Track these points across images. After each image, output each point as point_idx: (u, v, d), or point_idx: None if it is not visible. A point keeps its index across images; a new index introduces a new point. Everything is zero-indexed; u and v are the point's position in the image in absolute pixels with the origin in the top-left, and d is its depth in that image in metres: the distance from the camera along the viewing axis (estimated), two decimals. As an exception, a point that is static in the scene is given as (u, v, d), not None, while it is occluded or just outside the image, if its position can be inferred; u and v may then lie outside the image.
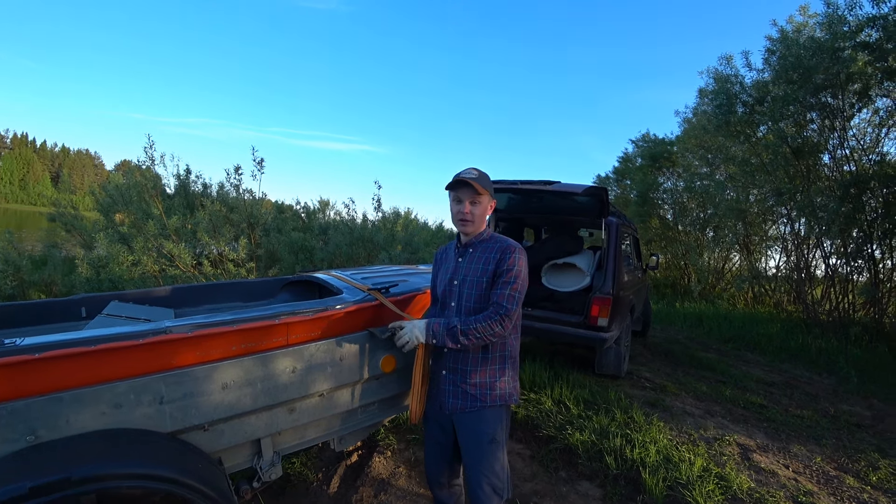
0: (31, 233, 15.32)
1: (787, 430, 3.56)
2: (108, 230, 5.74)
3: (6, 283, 4.79)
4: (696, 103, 10.09)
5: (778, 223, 9.25)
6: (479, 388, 1.62)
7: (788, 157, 7.02)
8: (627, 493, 2.53)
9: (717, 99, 7.28)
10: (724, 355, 5.94)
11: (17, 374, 1.22)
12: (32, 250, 8.95)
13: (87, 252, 5.65)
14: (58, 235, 8.86)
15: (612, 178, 16.28)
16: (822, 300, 7.84)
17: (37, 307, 2.17)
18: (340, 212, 9.15)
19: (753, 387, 4.61)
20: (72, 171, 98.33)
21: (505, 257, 1.61)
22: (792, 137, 6.84)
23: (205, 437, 1.51)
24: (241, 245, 5.14)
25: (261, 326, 1.60)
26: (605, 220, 4.13)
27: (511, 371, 1.68)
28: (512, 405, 1.71)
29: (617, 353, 4.19)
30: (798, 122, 6.88)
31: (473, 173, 1.65)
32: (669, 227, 12.65)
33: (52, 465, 1.13)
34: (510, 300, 1.56)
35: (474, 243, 1.72)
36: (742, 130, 7.62)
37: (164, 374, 1.41)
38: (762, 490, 2.58)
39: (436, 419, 1.75)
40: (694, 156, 10.94)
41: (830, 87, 6.31)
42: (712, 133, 8.54)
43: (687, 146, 11.17)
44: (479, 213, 1.67)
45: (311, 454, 2.75)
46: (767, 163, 7.44)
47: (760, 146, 7.71)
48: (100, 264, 4.98)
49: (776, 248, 9.62)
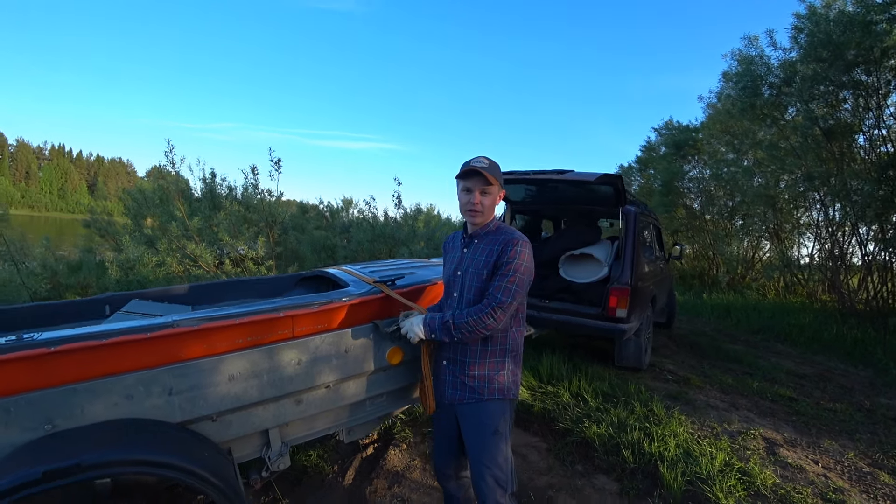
0: (69, 239, 16.05)
1: (818, 424, 3.40)
2: (134, 233, 5.95)
3: (42, 287, 5.04)
4: (720, 87, 9.71)
5: (810, 209, 8.85)
6: (478, 381, 1.61)
7: (819, 140, 6.69)
8: (645, 487, 2.47)
9: (742, 81, 6.99)
10: (752, 347, 5.73)
11: (35, 367, 1.28)
12: (69, 255, 9.41)
13: (116, 255, 5.88)
14: (93, 241, 9.29)
15: (635, 167, 15.87)
16: (859, 289, 7.47)
17: (64, 307, 2.27)
18: (363, 210, 9.27)
19: (783, 379, 4.43)
20: (106, 179, 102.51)
21: (507, 249, 1.58)
22: (823, 118, 6.51)
23: (214, 428, 1.55)
24: (260, 244, 5.25)
25: (265, 319, 1.63)
26: (623, 209, 4.03)
27: (512, 364, 1.65)
28: (512, 398, 1.67)
29: (637, 344, 4.09)
30: (830, 102, 6.54)
31: (484, 162, 1.61)
32: (696, 217, 12.26)
33: (65, 451, 1.18)
34: (505, 293, 1.53)
35: (480, 234, 1.69)
36: (769, 113, 7.30)
37: (173, 366, 1.45)
38: (788, 486, 2.47)
39: (443, 410, 1.75)
40: (719, 142, 10.55)
41: (863, 63, 5.97)
42: (737, 117, 8.20)
43: (712, 132, 10.77)
44: (489, 203, 1.64)
45: (328, 447, 2.79)
46: (797, 146, 7.11)
47: (789, 129, 7.37)
48: (128, 266, 5.17)
49: (809, 236, 9.22)
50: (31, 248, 5.74)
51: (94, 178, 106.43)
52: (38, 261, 5.51)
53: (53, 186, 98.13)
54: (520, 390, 3.47)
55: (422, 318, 1.68)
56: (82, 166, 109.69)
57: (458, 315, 1.57)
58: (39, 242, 6.03)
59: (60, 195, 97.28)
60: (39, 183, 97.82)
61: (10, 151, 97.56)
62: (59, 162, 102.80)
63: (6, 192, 77.35)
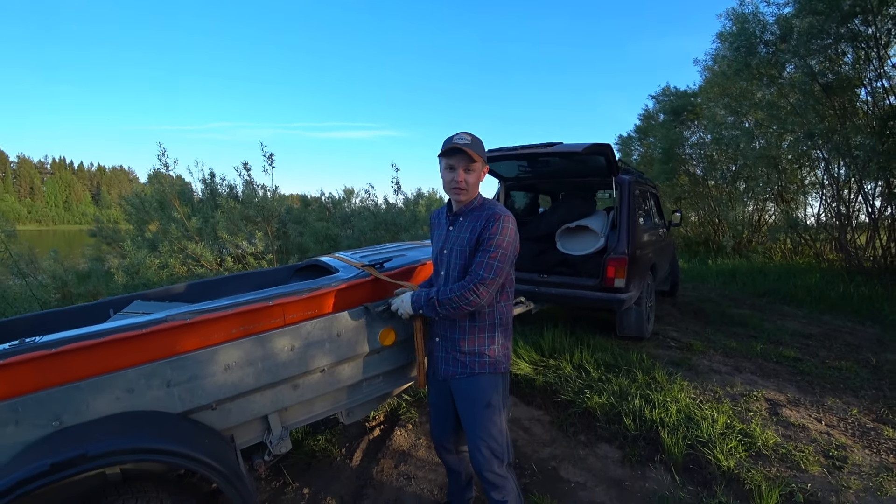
0: (77, 249, 16.29)
1: (822, 383, 3.41)
2: (136, 238, 6.03)
3: (52, 297, 5.15)
4: (716, 49, 9.48)
5: (815, 169, 8.71)
6: (469, 356, 1.63)
7: (819, 96, 6.54)
8: (646, 453, 2.51)
9: (737, 41, 6.82)
10: (757, 310, 5.71)
11: (38, 368, 1.33)
12: (78, 265, 9.57)
13: (121, 261, 5.97)
14: (100, 249, 9.44)
15: (635, 136, 15.64)
16: (867, 247, 7.38)
17: (70, 313, 2.34)
18: (364, 199, 9.30)
19: (788, 340, 4.43)
20: (109, 188, 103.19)
21: (488, 225, 1.57)
22: (822, 74, 6.35)
23: (214, 416, 1.60)
24: (258, 238, 5.29)
25: (256, 309, 1.66)
26: (616, 178, 4.00)
27: (502, 338, 1.67)
28: (503, 371, 1.68)
29: (638, 313, 4.10)
30: (828, 56, 6.37)
31: (466, 139, 1.58)
32: (699, 183, 12.12)
33: (72, 444, 1.24)
34: (487, 269, 1.53)
35: (465, 212, 1.67)
36: (766, 72, 7.14)
37: (170, 359, 1.50)
38: (789, 445, 2.49)
39: (435, 385, 1.79)
40: (718, 105, 10.35)
41: (861, 13, 5.80)
42: (733, 79, 8.03)
43: (710, 96, 10.56)
44: (474, 180, 1.62)
45: (335, 431, 2.86)
46: (797, 104, 6.96)
47: (787, 87, 7.21)
48: (133, 270, 5.26)
49: (815, 196, 9.10)
50: (40, 261, 5.86)
51: (97, 188, 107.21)
52: (48, 273, 5.63)
53: (58, 199, 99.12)
54: (523, 365, 3.54)
55: (410, 295, 1.71)
56: (84, 177, 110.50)
57: (443, 292, 1.59)
58: (48, 255, 6.15)
59: (66, 207, 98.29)
60: (44, 197, 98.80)
61: (13, 168, 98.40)
62: (62, 175, 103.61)
63: (12, 208, 78.29)
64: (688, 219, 12.73)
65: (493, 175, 4.68)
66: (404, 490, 2.29)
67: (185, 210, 5.88)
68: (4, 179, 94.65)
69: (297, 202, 10.70)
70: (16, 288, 5.35)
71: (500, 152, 3.88)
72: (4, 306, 4.86)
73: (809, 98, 6.68)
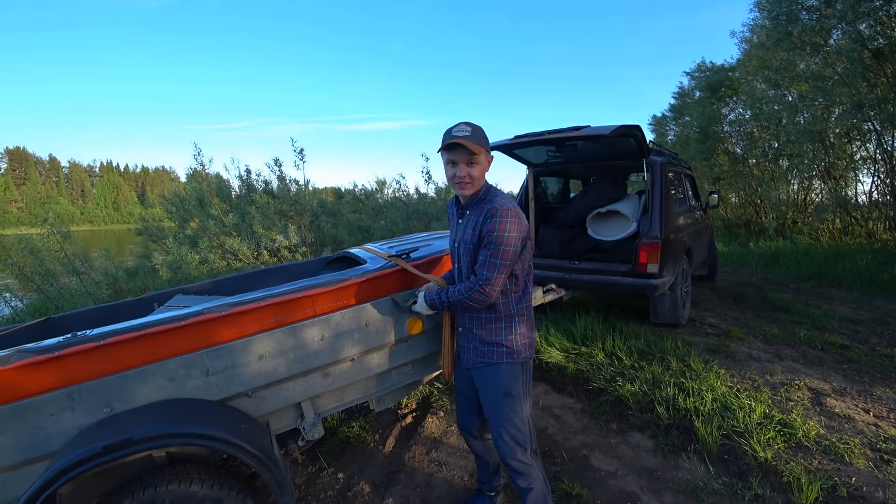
0: (126, 247, 17.27)
1: (872, 372, 3.22)
2: (178, 235, 6.32)
3: (104, 293, 5.49)
4: (754, 19, 8.96)
5: (866, 143, 8.13)
6: (488, 346, 1.64)
7: (869, 63, 6.08)
8: (680, 443, 2.46)
9: (775, 9, 6.41)
10: (802, 294, 5.44)
11: (89, 359, 1.44)
12: (127, 262, 10.15)
13: (165, 257, 6.30)
14: (147, 246, 9.99)
15: (670, 116, 15.05)
16: (926, 223, 6.88)
17: (117, 307, 2.50)
18: (397, 189, 9.41)
19: (835, 326, 4.20)
20: (153, 188, 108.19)
21: (487, 221, 1.51)
22: (871, 39, 5.89)
23: (250, 403, 1.68)
24: (291, 232, 5.45)
25: (287, 301, 1.73)
26: (648, 160, 3.88)
27: (523, 328, 1.66)
28: (522, 361, 1.67)
29: (672, 300, 3.99)
30: (879, 19, 5.89)
31: (466, 130, 1.51)
32: (738, 162, 11.55)
33: (122, 428, 1.33)
34: (490, 268, 1.51)
35: (472, 204, 1.63)
36: (809, 40, 6.68)
37: (207, 350, 1.58)
38: (833, 437, 2.38)
39: (461, 373, 1.83)
40: (758, 79, 9.79)
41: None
42: (772, 49, 7.56)
43: (749, 69, 10.01)
44: (478, 174, 1.56)
45: (369, 419, 2.94)
46: (843, 73, 6.49)
47: (833, 55, 6.73)
48: (176, 266, 5.53)
49: (866, 171, 8.51)
50: (93, 259, 6.27)
51: (142, 189, 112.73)
52: (100, 270, 6.01)
53: (107, 201, 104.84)
54: (555, 352, 3.52)
55: (424, 294, 1.76)
56: (130, 178, 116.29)
57: (452, 293, 1.63)
58: (100, 253, 6.57)
59: (115, 208, 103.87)
60: (94, 199, 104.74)
61: (65, 173, 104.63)
62: (110, 177, 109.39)
63: (66, 211, 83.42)
64: (727, 200, 12.19)
65: (522, 161, 4.61)
66: (435, 476, 2.34)
67: (223, 206, 6.11)
68: (58, 184, 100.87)
69: (331, 195, 10.94)
70: (72, 285, 5.75)
71: (526, 138, 3.82)
72: (62, 302, 5.23)
73: (858, 66, 6.22)
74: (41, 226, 5.65)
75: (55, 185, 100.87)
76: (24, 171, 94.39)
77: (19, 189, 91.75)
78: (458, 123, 1.56)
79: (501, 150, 4.16)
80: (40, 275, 5.37)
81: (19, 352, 1.36)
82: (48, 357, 1.37)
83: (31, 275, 5.36)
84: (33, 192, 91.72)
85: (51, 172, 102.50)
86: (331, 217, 7.65)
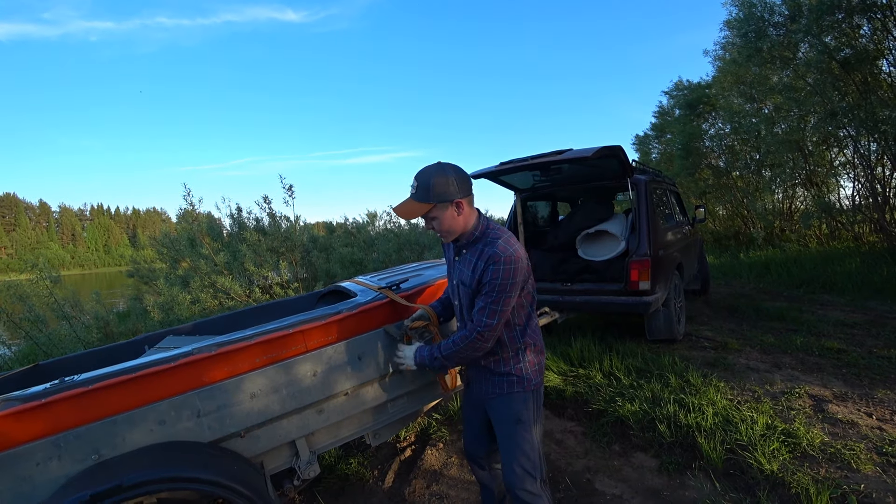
0: (117, 289, 17.12)
1: (871, 374, 3.22)
2: (169, 276, 6.28)
3: (93, 337, 5.41)
4: (724, 37, 9.33)
5: (843, 148, 8.37)
6: (499, 377, 1.63)
7: (838, 73, 6.32)
8: (684, 460, 2.42)
9: (744, 27, 6.69)
10: (795, 302, 5.48)
11: (77, 405, 1.41)
12: (118, 304, 10.04)
13: (156, 298, 6.23)
14: (139, 288, 9.89)
15: (652, 135, 15.44)
16: (910, 224, 7.00)
17: (107, 351, 2.46)
18: (388, 221, 9.46)
19: (830, 331, 4.22)
20: (143, 230, 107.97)
21: (488, 269, 1.48)
22: (837, 50, 6.14)
23: (243, 444, 1.64)
24: (283, 268, 5.44)
25: (278, 337, 1.71)
26: (632, 179, 3.95)
27: (530, 355, 1.63)
28: (533, 389, 1.64)
29: (667, 315, 4.00)
30: (843, 31, 6.17)
31: (413, 187, 1.50)
32: (722, 175, 11.80)
33: (110, 476, 1.30)
34: (490, 314, 1.49)
35: (466, 244, 1.61)
36: (779, 54, 6.96)
37: (198, 390, 1.56)
38: (838, 444, 2.36)
39: (468, 399, 1.80)
40: (733, 94, 10.12)
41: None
42: (744, 65, 7.85)
43: (724, 85, 10.35)
44: (446, 224, 1.52)
45: (367, 454, 2.87)
46: (815, 84, 6.74)
47: (803, 67, 7.00)
48: (167, 307, 5.47)
49: (846, 176, 8.71)
50: (84, 303, 6.19)
51: (133, 231, 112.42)
52: (91, 314, 5.93)
53: (98, 244, 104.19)
54: (553, 376, 3.48)
55: (413, 350, 1.73)
56: (121, 221, 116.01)
57: (446, 346, 1.59)
58: (90, 297, 6.49)
59: (106, 251, 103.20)
60: (85, 242, 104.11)
61: (55, 218, 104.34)
62: (100, 220, 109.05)
63: (57, 255, 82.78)
64: (715, 213, 12.39)
65: (509, 187, 4.69)
66: (437, 510, 2.28)
67: (214, 245, 6.11)
68: (48, 228, 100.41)
69: (322, 230, 10.97)
70: (62, 330, 5.65)
71: (511, 164, 3.89)
72: (52, 348, 5.13)
73: (828, 76, 6.47)
74: (31, 271, 5.60)
75: (45, 230, 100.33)
76: (14, 217, 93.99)
77: (9, 235, 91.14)
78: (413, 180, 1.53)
79: (487, 178, 4.22)
80: (29, 321, 5.29)
81: (5, 400, 1.33)
82: (35, 405, 1.34)
83: (19, 321, 5.28)
84: (23, 238, 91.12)
85: (41, 217, 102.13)
86: (323, 252, 7.65)
